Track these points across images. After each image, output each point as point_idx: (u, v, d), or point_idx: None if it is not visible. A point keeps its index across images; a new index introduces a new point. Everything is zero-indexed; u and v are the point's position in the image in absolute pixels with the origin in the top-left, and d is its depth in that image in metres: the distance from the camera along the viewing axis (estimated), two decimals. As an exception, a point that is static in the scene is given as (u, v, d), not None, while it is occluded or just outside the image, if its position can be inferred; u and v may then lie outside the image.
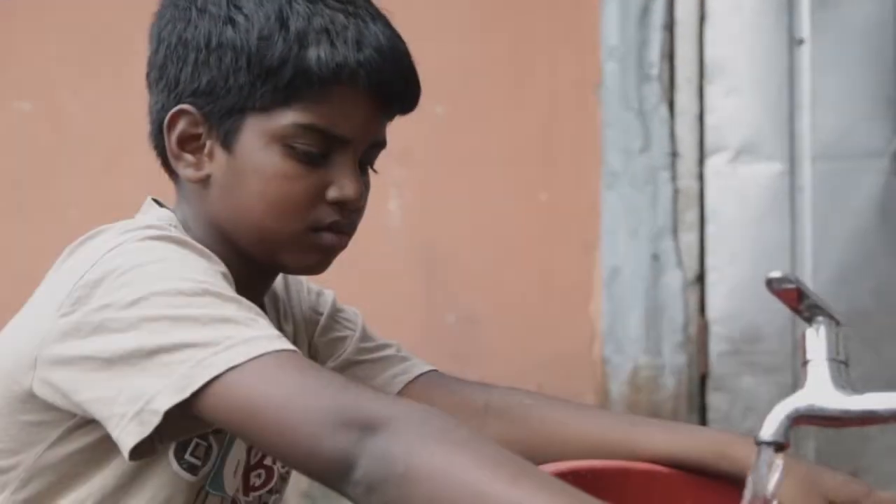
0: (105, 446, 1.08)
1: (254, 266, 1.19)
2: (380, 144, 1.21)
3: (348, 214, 1.18)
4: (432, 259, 3.04)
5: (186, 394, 0.97)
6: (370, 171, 1.23)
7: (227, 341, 0.99)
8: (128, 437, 1.00)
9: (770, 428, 0.96)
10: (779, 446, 0.96)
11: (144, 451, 1.01)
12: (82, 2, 3.21)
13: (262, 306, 1.25)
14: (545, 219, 3.00)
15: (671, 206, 2.93)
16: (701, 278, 2.94)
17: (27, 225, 3.19)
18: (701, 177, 2.95)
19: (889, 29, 2.86)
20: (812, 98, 2.88)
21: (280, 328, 1.29)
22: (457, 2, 3.06)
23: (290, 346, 1.00)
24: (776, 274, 0.95)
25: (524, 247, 3.01)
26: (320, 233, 1.17)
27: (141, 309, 1.01)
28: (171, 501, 1.14)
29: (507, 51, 3.03)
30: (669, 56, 2.95)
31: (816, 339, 0.97)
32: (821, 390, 0.96)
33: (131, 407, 0.99)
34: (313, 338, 1.35)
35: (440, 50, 2.98)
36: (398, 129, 1.23)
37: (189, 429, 1.12)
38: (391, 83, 1.16)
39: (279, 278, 1.32)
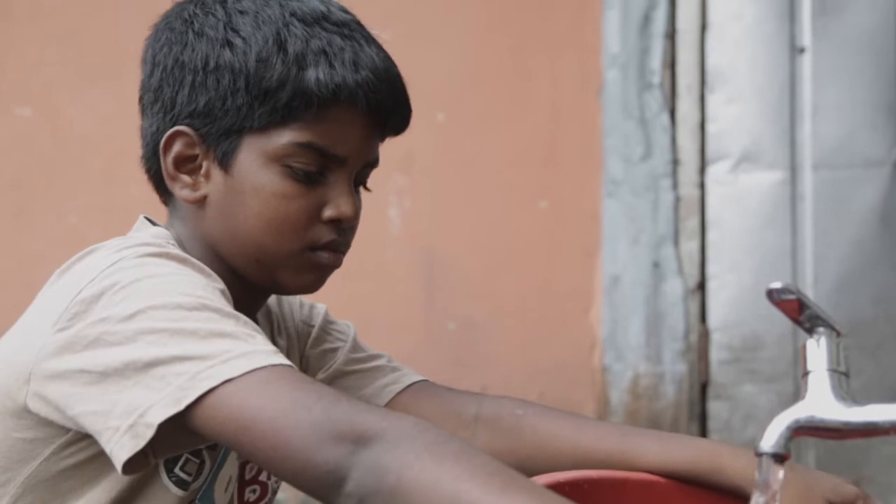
0: (98, 463, 1.08)
1: (248, 286, 1.20)
2: (372, 164, 1.22)
3: (344, 233, 1.19)
4: (432, 266, 3.04)
5: (181, 406, 0.97)
6: (363, 189, 1.24)
7: (225, 355, 0.99)
8: (121, 450, 0.99)
9: (770, 439, 0.96)
10: (779, 457, 0.96)
11: (138, 465, 1.01)
12: (81, 7, 3.21)
13: (255, 323, 1.25)
14: (546, 226, 3.00)
15: (672, 214, 2.93)
16: (702, 286, 2.93)
17: (27, 230, 3.19)
18: (702, 185, 2.94)
19: (890, 38, 2.86)
20: (813, 107, 2.88)
21: (274, 342, 1.30)
22: (458, 9, 3.07)
23: (286, 361, 1.00)
24: (776, 285, 0.95)
25: (524, 254, 3.01)
26: (317, 252, 1.18)
27: (138, 322, 1.01)
28: None
29: (508, 58, 3.03)
30: (671, 64, 2.95)
31: (817, 350, 0.97)
32: (822, 401, 0.96)
33: (125, 420, 0.99)
34: (305, 349, 1.36)
35: (441, 57, 2.98)
36: (398, 137, 1.24)
37: (183, 444, 1.12)
38: (386, 103, 1.18)
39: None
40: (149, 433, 0.98)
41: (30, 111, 3.22)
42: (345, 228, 1.19)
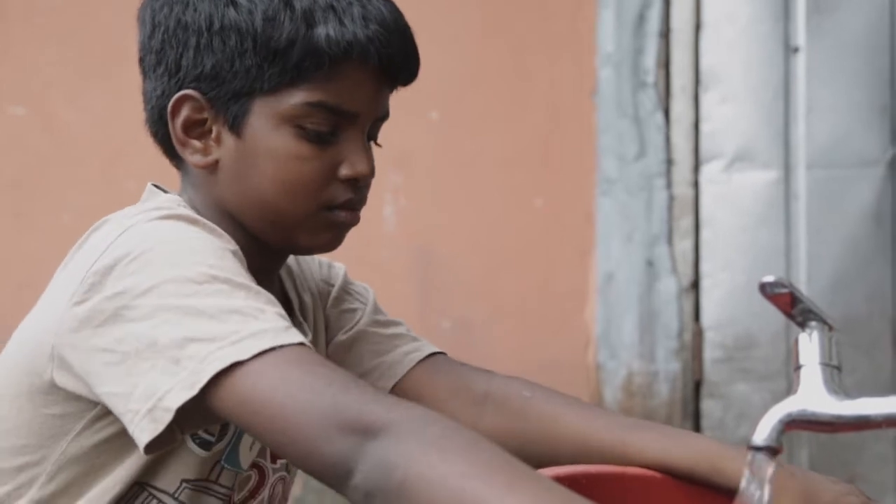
0: (127, 437, 1.07)
1: (264, 249, 1.19)
2: (383, 118, 1.21)
3: (359, 190, 1.18)
4: (427, 264, 3.04)
5: (195, 390, 0.97)
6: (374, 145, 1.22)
7: (234, 335, 0.98)
8: (142, 433, 1.00)
9: (763, 432, 0.96)
10: (772, 451, 0.96)
11: (162, 443, 1.01)
12: (77, 7, 3.21)
13: (275, 284, 1.25)
14: (540, 225, 3.00)
15: (666, 213, 2.94)
16: (695, 285, 2.94)
17: (22, 230, 3.18)
18: (696, 184, 2.95)
19: (884, 38, 2.87)
20: (807, 106, 2.89)
21: (300, 298, 1.30)
22: (453, 9, 3.07)
23: (297, 339, 1.00)
24: (769, 279, 0.95)
25: (519, 252, 3.01)
26: (334, 211, 1.17)
27: (151, 299, 1.01)
28: (185, 475, 1.15)
29: (502, 57, 3.03)
30: (665, 63, 2.95)
31: (809, 344, 0.98)
32: (814, 395, 0.96)
33: (144, 404, 0.99)
34: (326, 308, 1.35)
35: (436, 56, 2.97)
36: (394, 135, 1.24)
37: (207, 420, 1.12)
38: (397, 57, 1.16)
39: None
40: (167, 417, 0.98)
41: (23, 110, 3.22)
42: (361, 186, 1.17)
